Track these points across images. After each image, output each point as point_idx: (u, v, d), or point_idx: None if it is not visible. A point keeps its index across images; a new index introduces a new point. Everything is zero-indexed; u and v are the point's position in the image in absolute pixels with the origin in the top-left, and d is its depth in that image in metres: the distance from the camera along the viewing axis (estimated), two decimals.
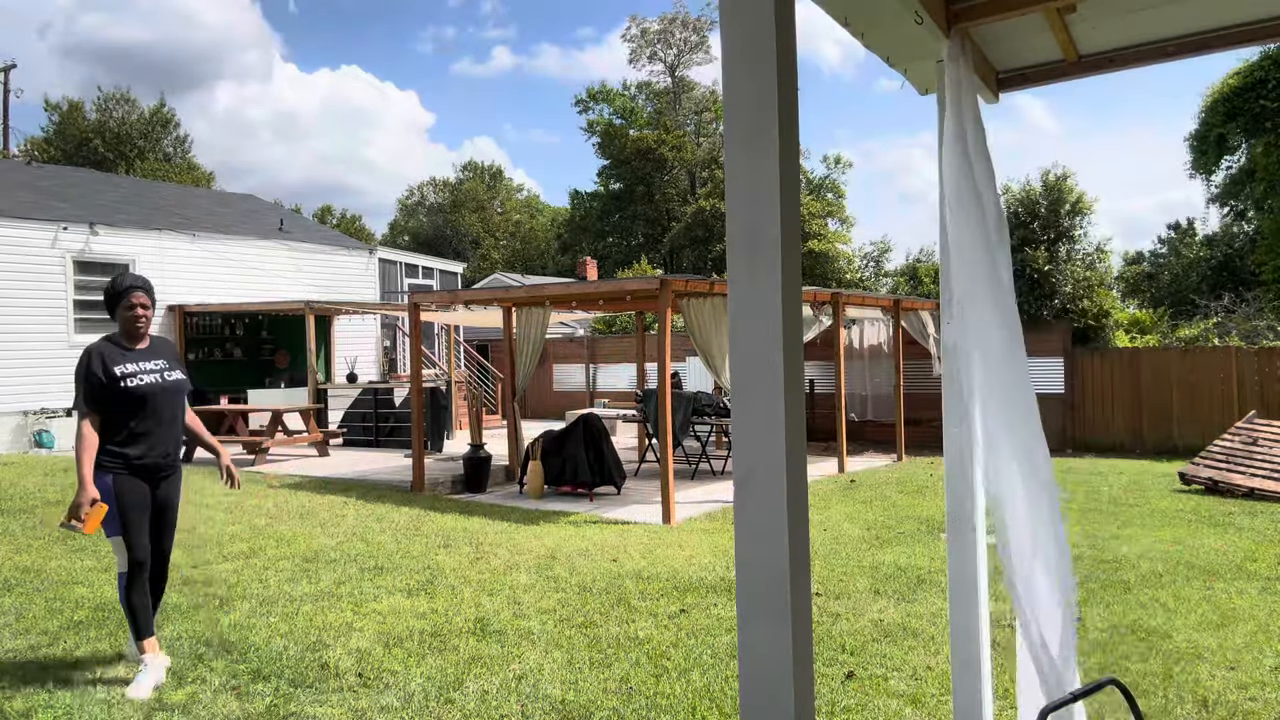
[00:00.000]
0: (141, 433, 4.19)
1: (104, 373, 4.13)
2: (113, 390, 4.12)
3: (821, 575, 6.25)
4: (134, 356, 4.25)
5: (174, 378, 4.35)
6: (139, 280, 4.36)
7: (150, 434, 4.21)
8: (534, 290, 10.74)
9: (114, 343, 4.29)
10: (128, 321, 4.29)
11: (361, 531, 7.83)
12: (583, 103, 48.06)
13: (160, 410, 4.25)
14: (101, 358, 4.17)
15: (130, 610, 4.22)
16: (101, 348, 4.22)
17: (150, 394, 4.21)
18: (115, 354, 4.22)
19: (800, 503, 1.38)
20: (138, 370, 4.21)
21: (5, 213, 14.29)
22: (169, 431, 4.31)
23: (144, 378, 4.22)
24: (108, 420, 4.14)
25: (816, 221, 36.19)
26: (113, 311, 4.33)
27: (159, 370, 4.30)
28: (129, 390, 4.15)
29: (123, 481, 4.14)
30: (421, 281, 22.03)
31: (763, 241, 1.35)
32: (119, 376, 4.14)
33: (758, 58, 1.35)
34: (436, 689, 4.16)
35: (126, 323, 4.30)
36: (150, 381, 4.23)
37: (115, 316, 4.32)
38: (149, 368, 4.27)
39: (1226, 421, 12.37)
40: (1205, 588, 5.82)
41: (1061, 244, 15.24)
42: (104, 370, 4.14)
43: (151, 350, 4.36)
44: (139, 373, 4.21)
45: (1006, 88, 2.53)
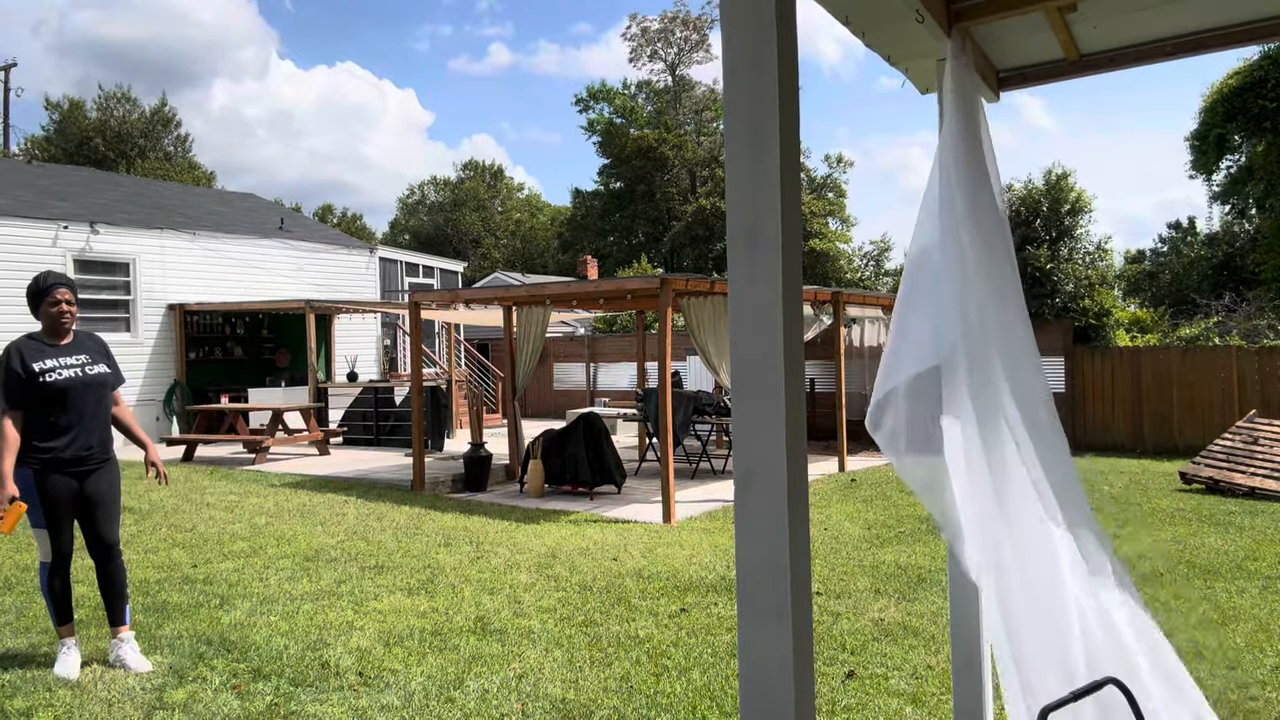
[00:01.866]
0: (62, 427, 4.24)
1: (22, 369, 4.18)
2: (31, 386, 4.17)
3: (822, 574, 6.26)
4: (55, 352, 4.30)
5: (95, 371, 4.38)
6: (62, 278, 4.43)
7: (71, 428, 4.26)
8: (534, 289, 10.74)
9: (35, 340, 4.34)
10: (51, 319, 4.34)
11: (362, 530, 7.84)
12: (583, 102, 48.07)
13: (81, 404, 4.28)
14: (20, 354, 4.22)
15: (52, 597, 4.35)
16: (21, 345, 4.28)
17: (69, 388, 4.25)
18: (34, 351, 4.27)
19: (800, 502, 1.37)
20: (56, 365, 4.26)
21: (5, 212, 14.29)
22: (91, 425, 4.33)
23: (63, 372, 4.26)
24: (29, 416, 4.20)
25: (817, 221, 36.21)
26: (36, 309, 4.38)
27: (80, 365, 4.33)
28: (47, 385, 4.19)
29: (44, 476, 4.21)
30: (422, 280, 22.03)
31: (763, 241, 1.35)
32: (37, 372, 4.19)
33: (758, 56, 1.35)
34: (437, 688, 4.16)
35: (50, 320, 4.34)
36: (69, 376, 4.27)
37: (39, 314, 4.37)
38: (69, 363, 4.30)
39: (1227, 421, 12.36)
40: (1205, 587, 5.82)
41: (1063, 242, 15.23)
42: (22, 366, 4.19)
43: (75, 346, 4.40)
44: (58, 368, 4.26)
45: (1007, 87, 2.53)
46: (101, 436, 4.40)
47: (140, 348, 15.57)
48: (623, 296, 11.57)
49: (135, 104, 41.93)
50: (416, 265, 22.32)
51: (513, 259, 50.08)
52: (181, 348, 16.05)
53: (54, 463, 4.22)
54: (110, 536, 4.46)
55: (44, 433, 4.21)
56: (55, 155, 37.52)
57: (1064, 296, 14.63)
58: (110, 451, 4.48)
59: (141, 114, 41.85)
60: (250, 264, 17.50)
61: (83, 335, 4.50)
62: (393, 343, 20.98)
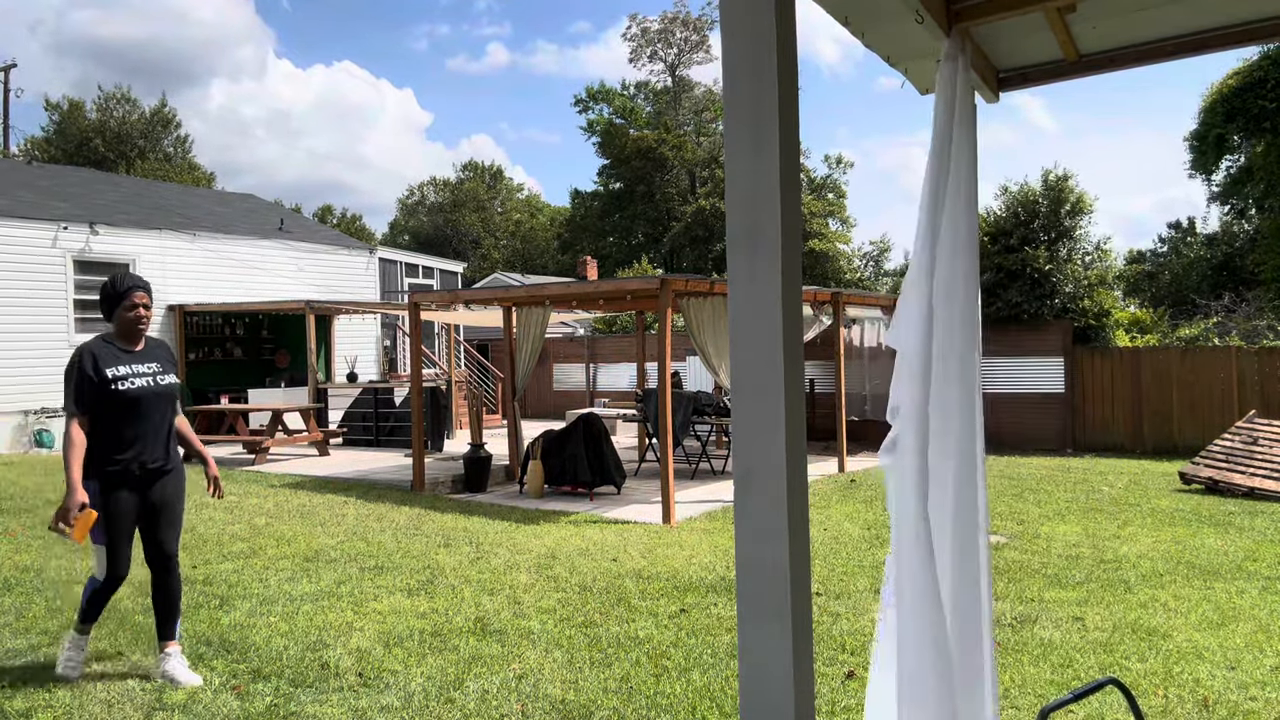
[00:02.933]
0: (131, 439, 4.04)
1: (95, 373, 3.98)
2: (103, 392, 3.97)
3: (821, 575, 6.25)
4: (128, 359, 4.11)
5: (166, 382, 4.20)
6: (139, 280, 4.21)
7: (140, 440, 4.07)
8: (534, 290, 10.74)
9: (108, 343, 4.13)
10: (128, 323, 4.14)
11: (362, 531, 7.84)
12: (582, 102, 48.11)
13: (151, 415, 4.10)
14: (94, 358, 4.01)
15: (87, 605, 4.23)
16: (95, 348, 4.06)
17: (142, 398, 4.06)
18: (108, 355, 4.06)
19: (800, 502, 1.38)
20: (130, 373, 4.06)
21: (5, 212, 14.30)
22: (159, 437, 4.16)
23: (136, 381, 4.07)
24: (97, 423, 4.00)
25: (817, 221, 36.22)
26: (110, 312, 4.17)
27: (152, 374, 4.15)
28: (119, 393, 4.00)
29: (110, 491, 4.01)
30: (422, 281, 22.03)
31: (763, 241, 1.35)
32: (110, 379, 3.99)
33: (758, 57, 1.35)
34: (437, 688, 4.16)
35: (126, 324, 4.15)
36: (143, 385, 4.08)
37: (113, 317, 4.17)
38: (142, 370, 4.11)
39: (1226, 421, 12.37)
40: (1205, 587, 5.82)
41: (1062, 243, 15.23)
42: (95, 371, 3.98)
43: (146, 352, 4.21)
44: (131, 375, 4.06)
45: (1006, 87, 2.53)
46: (168, 449, 4.22)
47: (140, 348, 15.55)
48: (622, 297, 11.57)
49: (135, 105, 41.96)
50: (416, 266, 22.32)
51: (512, 259, 50.10)
52: (181, 348, 16.05)
53: (121, 476, 4.02)
54: (171, 546, 4.27)
55: (112, 443, 4.01)
56: (55, 156, 37.53)
57: (1063, 297, 14.63)
58: (177, 461, 4.29)
59: (141, 115, 41.86)
60: (250, 265, 17.50)
61: (153, 342, 4.31)
62: (392, 343, 20.98)
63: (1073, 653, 4.57)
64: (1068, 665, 4.40)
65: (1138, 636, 4.82)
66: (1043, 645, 4.69)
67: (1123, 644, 4.70)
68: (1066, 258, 15.08)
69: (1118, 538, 7.42)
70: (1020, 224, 15.36)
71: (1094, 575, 6.16)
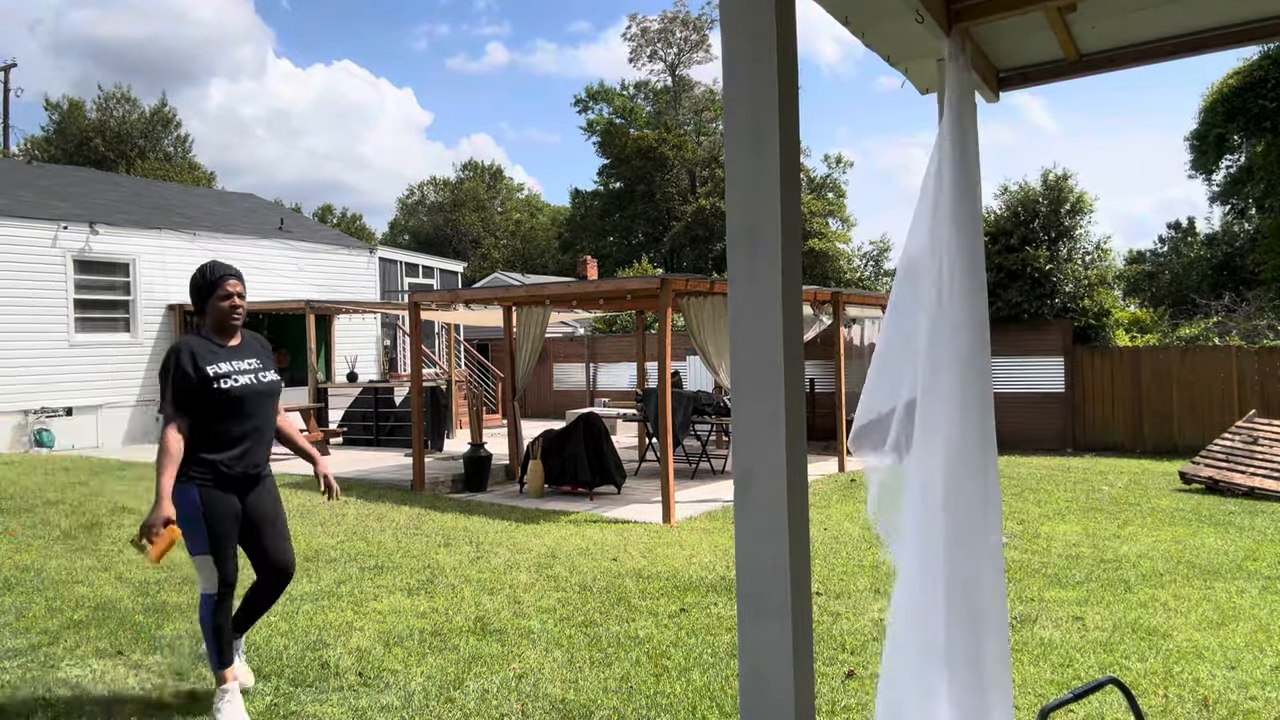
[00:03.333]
0: (234, 439, 3.73)
1: (195, 372, 3.63)
2: (205, 392, 3.64)
3: (821, 574, 6.25)
4: (227, 355, 3.78)
5: (268, 379, 3.90)
6: (231, 268, 3.87)
7: (243, 441, 3.76)
8: (534, 290, 10.74)
9: (205, 338, 3.79)
10: (222, 314, 3.79)
11: (362, 531, 7.84)
12: (582, 102, 48.12)
13: (255, 415, 3.79)
14: (193, 355, 3.66)
15: (216, 635, 3.74)
16: (192, 344, 3.72)
17: (245, 396, 3.74)
18: (207, 351, 3.72)
19: (800, 502, 1.38)
20: (232, 370, 3.73)
21: (5, 212, 14.29)
22: (263, 439, 3.87)
23: (239, 378, 3.74)
24: (196, 426, 3.66)
25: (817, 221, 36.22)
26: (203, 303, 3.81)
27: (253, 370, 3.83)
28: (223, 392, 3.67)
29: (211, 496, 3.68)
30: (422, 281, 22.04)
31: (763, 241, 1.35)
32: (212, 377, 3.66)
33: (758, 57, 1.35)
34: (437, 688, 4.16)
35: (220, 315, 3.79)
36: (245, 383, 3.76)
37: (205, 309, 3.81)
38: (243, 367, 3.79)
39: (1226, 421, 12.37)
40: (1205, 587, 5.82)
41: (1062, 243, 15.24)
42: (195, 369, 3.64)
43: (244, 347, 3.88)
44: (233, 373, 3.73)
45: (1006, 87, 2.53)
46: (268, 452, 3.96)
47: (140, 348, 15.58)
48: (622, 297, 11.57)
49: (135, 104, 41.97)
50: (416, 265, 22.33)
51: (512, 259, 50.11)
52: None
53: (222, 480, 3.71)
54: (288, 554, 3.98)
55: (213, 445, 3.68)
56: (55, 156, 37.53)
57: (1063, 297, 14.63)
58: (268, 466, 4.03)
59: (141, 114, 41.86)
60: (250, 264, 17.47)
61: (249, 337, 3.99)
62: (393, 343, 20.98)
63: (1073, 653, 4.57)
64: (1068, 665, 4.40)
65: (1138, 636, 4.82)
66: (1043, 645, 4.69)
67: (1123, 644, 4.70)
68: (1067, 257, 15.09)
69: (1118, 537, 7.42)
70: (1020, 224, 15.37)
71: (1094, 575, 6.16)
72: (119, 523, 8.09)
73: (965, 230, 1.94)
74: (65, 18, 67.03)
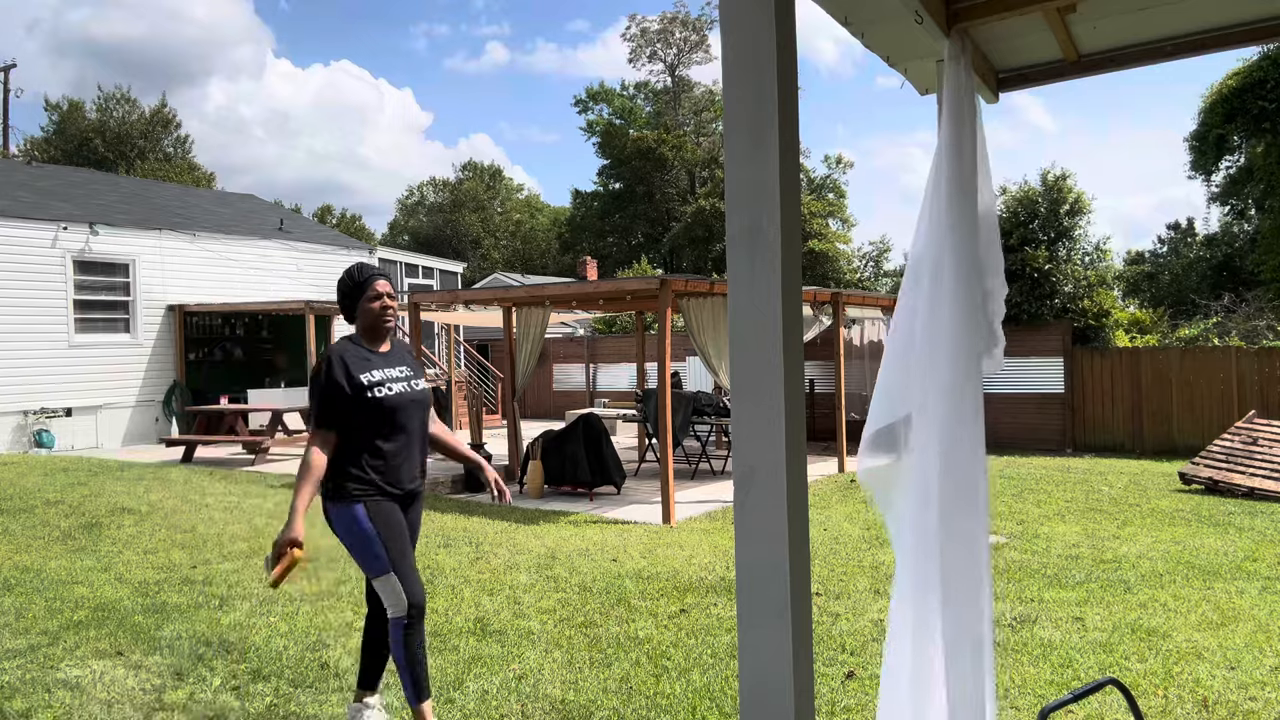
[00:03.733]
0: (390, 452, 3.47)
1: (348, 381, 3.40)
2: (359, 402, 3.40)
3: (821, 575, 6.25)
4: (380, 362, 3.53)
5: (420, 387, 3.64)
6: (379, 269, 3.64)
7: (399, 454, 3.50)
8: (534, 290, 10.74)
9: (356, 344, 3.56)
10: (373, 317, 3.55)
11: None
12: (582, 103, 48.17)
13: (408, 426, 3.53)
14: (344, 364, 3.43)
15: (410, 664, 3.42)
16: (343, 351, 3.48)
17: (400, 406, 3.49)
18: (359, 359, 3.48)
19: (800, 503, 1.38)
20: (385, 379, 3.49)
21: (5, 212, 14.29)
22: (418, 452, 3.61)
23: (393, 386, 3.49)
24: (350, 438, 3.42)
25: (817, 221, 36.22)
26: (352, 307, 3.58)
27: (406, 378, 3.58)
28: (378, 402, 3.43)
29: (378, 509, 3.40)
30: (422, 281, 22.04)
31: (763, 241, 1.35)
32: (366, 385, 3.42)
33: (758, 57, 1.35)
34: (436, 688, 4.16)
35: (372, 319, 3.55)
36: (399, 391, 3.51)
37: (355, 312, 3.57)
38: (396, 375, 3.54)
39: (1226, 421, 12.36)
40: (1205, 587, 5.82)
41: (1061, 243, 15.25)
42: (348, 378, 3.41)
43: (395, 354, 3.63)
44: (386, 381, 3.49)
45: (1006, 87, 2.53)
46: (422, 467, 3.67)
47: (140, 349, 15.58)
48: (622, 297, 11.57)
49: (135, 105, 41.99)
50: (416, 266, 22.34)
51: (512, 260, 50.11)
52: (181, 349, 16.05)
53: (382, 495, 3.43)
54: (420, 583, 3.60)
55: (370, 459, 3.42)
56: (55, 156, 37.54)
57: (1063, 297, 14.64)
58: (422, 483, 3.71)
59: (141, 115, 41.87)
60: (250, 265, 17.51)
61: (397, 343, 3.73)
62: None
63: (1073, 653, 4.57)
64: (1068, 665, 4.40)
65: (1138, 636, 4.82)
66: (1043, 645, 4.69)
67: (1123, 644, 4.70)
68: (1066, 258, 15.09)
69: (1117, 538, 7.42)
70: (1020, 224, 15.38)
71: (1094, 575, 6.16)
72: (119, 523, 8.09)
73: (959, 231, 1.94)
74: (63, 17, 67.09)
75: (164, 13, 68.36)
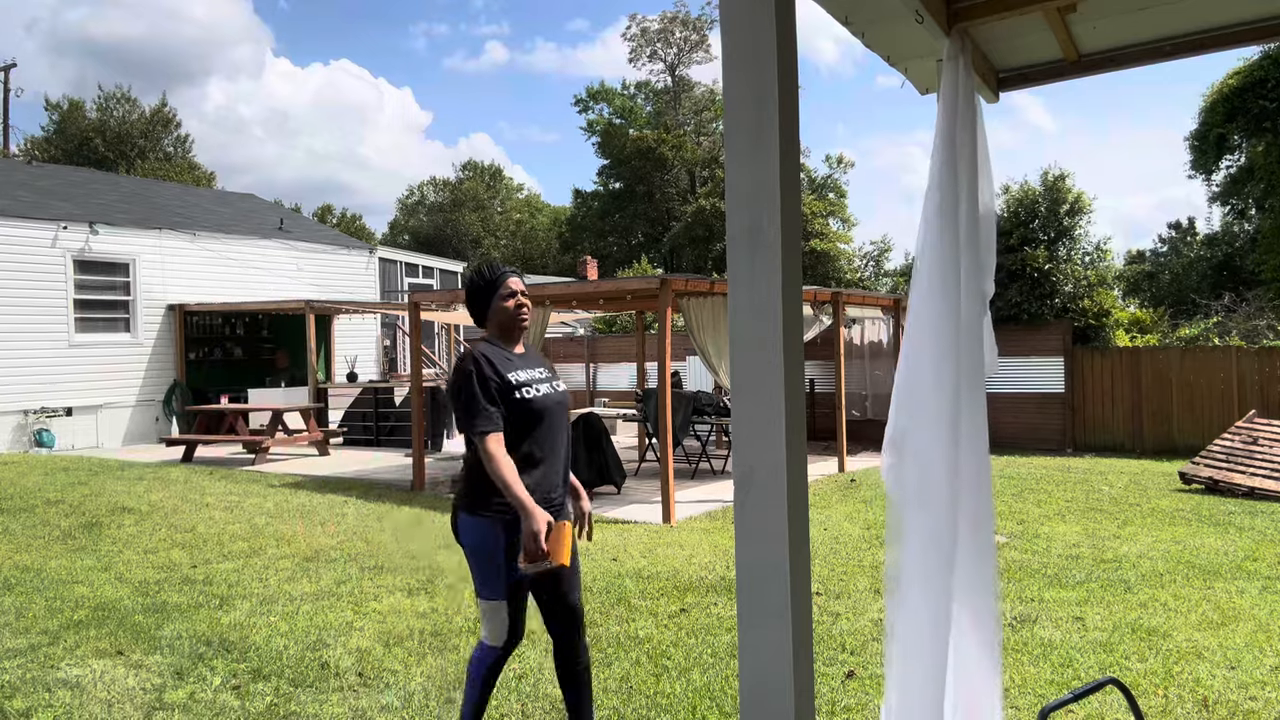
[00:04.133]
0: (536, 460, 3.15)
1: (498, 377, 3.11)
2: (508, 402, 3.10)
3: (821, 575, 6.25)
4: (521, 363, 3.24)
5: (561, 389, 3.35)
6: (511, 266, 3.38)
7: (544, 462, 3.18)
8: (534, 290, 10.74)
9: (495, 345, 3.25)
10: (508, 316, 3.26)
11: (362, 531, 7.83)
12: (582, 102, 48.16)
13: (554, 431, 3.23)
14: (490, 361, 3.14)
15: (479, 688, 3.18)
16: (487, 351, 3.18)
17: (546, 409, 3.19)
18: (502, 359, 3.18)
19: (800, 502, 1.38)
20: (529, 379, 3.20)
21: (5, 212, 14.30)
22: (560, 459, 3.28)
23: (539, 388, 3.20)
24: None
25: (817, 221, 36.20)
26: (484, 305, 3.29)
27: (547, 379, 3.29)
28: (526, 403, 3.13)
29: (513, 528, 3.02)
30: (422, 281, 22.05)
31: (763, 241, 1.35)
32: (514, 385, 3.13)
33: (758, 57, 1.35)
34: (437, 688, 4.16)
35: (507, 318, 3.26)
36: (545, 392, 3.22)
37: (487, 311, 3.29)
38: (538, 376, 3.25)
39: (1226, 421, 12.36)
40: (1205, 587, 5.82)
41: (1061, 243, 15.25)
42: (497, 374, 3.11)
43: (531, 356, 3.35)
44: (531, 382, 3.20)
45: (1006, 87, 2.53)
46: (567, 474, 3.35)
47: (140, 348, 15.58)
48: (622, 297, 11.57)
49: (135, 104, 41.98)
50: (416, 266, 22.34)
51: (512, 259, 50.07)
52: (181, 348, 16.05)
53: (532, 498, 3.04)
54: (577, 600, 3.30)
55: (517, 461, 3.07)
56: (55, 156, 37.53)
57: (1063, 297, 14.63)
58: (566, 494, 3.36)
59: (141, 114, 41.87)
60: (250, 264, 17.50)
61: (529, 345, 3.44)
62: (392, 343, 20.99)
63: (1073, 653, 4.57)
64: (1068, 665, 4.40)
65: (1138, 636, 4.82)
66: (1043, 645, 4.69)
67: (1123, 644, 4.70)
68: (1066, 257, 15.09)
69: (1118, 538, 7.42)
70: (1020, 224, 15.37)
71: (1094, 575, 6.16)
72: (119, 522, 8.10)
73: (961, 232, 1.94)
74: (61, 17, 67.07)
75: (162, 12, 68.39)
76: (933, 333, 1.87)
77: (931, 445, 1.84)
